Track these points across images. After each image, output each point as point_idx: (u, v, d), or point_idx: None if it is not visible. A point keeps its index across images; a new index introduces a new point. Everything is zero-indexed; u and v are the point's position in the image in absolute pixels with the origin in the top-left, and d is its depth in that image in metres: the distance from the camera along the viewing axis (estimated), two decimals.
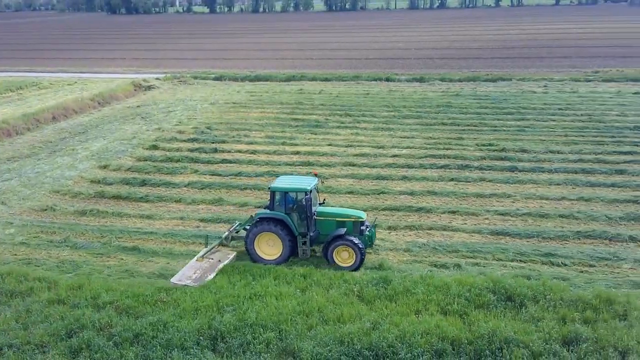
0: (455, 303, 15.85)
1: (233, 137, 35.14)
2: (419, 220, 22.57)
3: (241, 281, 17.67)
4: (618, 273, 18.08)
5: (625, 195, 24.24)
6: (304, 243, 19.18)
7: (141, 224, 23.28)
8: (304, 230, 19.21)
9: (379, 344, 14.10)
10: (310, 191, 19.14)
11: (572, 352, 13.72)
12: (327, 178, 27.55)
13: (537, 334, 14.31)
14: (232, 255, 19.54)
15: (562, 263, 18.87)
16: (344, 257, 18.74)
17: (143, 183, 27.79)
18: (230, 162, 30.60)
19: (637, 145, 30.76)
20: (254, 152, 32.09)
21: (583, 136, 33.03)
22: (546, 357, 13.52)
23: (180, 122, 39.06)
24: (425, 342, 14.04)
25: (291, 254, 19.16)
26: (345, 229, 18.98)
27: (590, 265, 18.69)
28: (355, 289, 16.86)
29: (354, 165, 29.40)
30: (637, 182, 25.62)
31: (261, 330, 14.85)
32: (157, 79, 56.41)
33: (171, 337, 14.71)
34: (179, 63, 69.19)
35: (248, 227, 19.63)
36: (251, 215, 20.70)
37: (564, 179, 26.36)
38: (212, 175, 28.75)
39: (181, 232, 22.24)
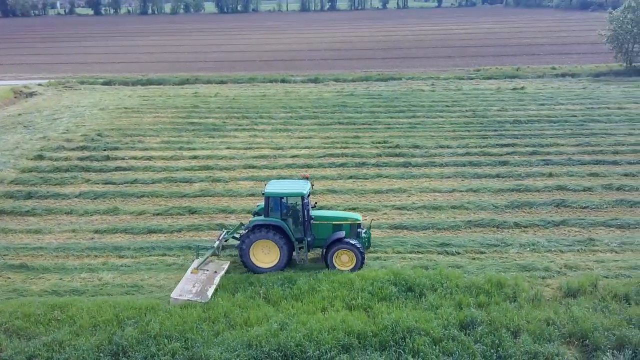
0: (360, 297, 16.24)
1: (126, 143, 33.84)
2: None
3: (144, 294, 17.08)
4: (506, 258, 19.32)
5: (508, 184, 25.96)
6: (301, 249, 18.66)
7: (29, 239, 21.83)
8: (300, 236, 18.66)
9: (287, 344, 14.16)
10: (308, 195, 18.78)
11: (469, 335, 14.50)
12: (227, 181, 27.28)
13: (436, 321, 14.98)
14: (226, 264, 18.74)
15: (455, 252, 19.87)
16: (343, 260, 18.37)
17: (29, 196, 26.07)
18: (124, 169, 29.45)
19: (517, 138, 33.00)
20: (149, 158, 31.08)
21: (469, 131, 34.98)
22: (446, 342, 14.18)
23: (67, 130, 37.02)
24: (332, 338, 14.28)
25: (289, 261, 18.58)
26: (344, 232, 18.66)
27: (481, 252, 19.83)
28: (261, 291, 16.83)
29: (254, 167, 29.29)
30: (519, 172, 27.50)
31: (166, 341, 14.43)
32: (39, 85, 53.09)
33: (68, 356, 13.95)
34: (63, 67, 65.59)
35: (238, 235, 19.15)
36: (241, 223, 20.13)
37: (454, 172, 27.77)
38: (106, 184, 27.52)
39: (74, 246, 21.09)
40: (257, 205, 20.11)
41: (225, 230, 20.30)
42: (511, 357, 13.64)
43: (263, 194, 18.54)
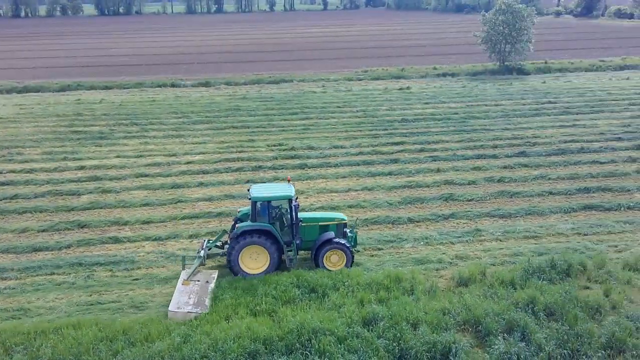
0: (264, 303, 16.18)
1: (3, 156, 31.46)
2: (220, 225, 22.52)
3: (32, 317, 15.97)
4: (402, 253, 20.06)
5: (400, 181, 26.97)
6: (290, 251, 18.38)
7: None
8: (288, 239, 18.38)
9: (192, 356, 13.83)
10: (297, 198, 18.56)
11: (372, 331, 14.89)
12: (118, 192, 26.16)
13: (340, 320, 15.25)
14: (215, 273, 17.99)
15: (355, 250, 20.31)
16: (333, 260, 18.37)
17: None
18: (2, 184, 27.36)
19: (406, 136, 34.38)
20: (30, 171, 29.10)
21: (361, 131, 35.97)
22: (350, 340, 14.47)
23: None
24: (238, 347, 14.11)
25: (278, 265, 18.21)
26: (333, 233, 18.59)
27: (379, 249, 20.44)
28: None
29: (146, 175, 28.29)
30: (409, 169, 28.65)
31: None
32: None
33: None
34: None
35: (220, 243, 18.90)
36: (223, 230, 19.69)
37: (349, 172, 28.43)
38: None
39: None
40: (239, 211, 19.72)
41: (207, 239, 19.76)
42: (412, 349, 14.15)
43: (249, 199, 18.13)
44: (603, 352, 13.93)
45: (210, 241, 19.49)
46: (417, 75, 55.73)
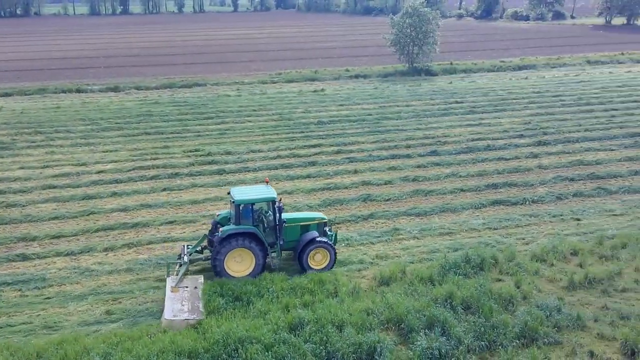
0: None
1: None
2: (137, 237, 21.86)
3: None
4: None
5: (319, 184, 27.25)
6: (274, 253, 18.50)
7: None
8: (272, 240, 18.45)
9: None
10: (280, 199, 18.59)
11: (298, 336, 14.95)
12: (24, 206, 24.74)
13: (266, 327, 15.22)
14: (201, 278, 17.82)
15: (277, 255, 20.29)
16: (317, 259, 18.61)
17: None
18: None
19: (322, 138, 34.77)
20: None
21: (277, 134, 36.00)
22: (277, 347, 14.45)
23: None
24: None
25: (263, 267, 18.18)
26: (316, 232, 18.76)
27: None
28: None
29: (54, 187, 26.93)
30: (327, 171, 29.01)
31: None
32: None
33: None
34: None
35: (200, 248, 19.00)
36: (204, 234, 19.51)
37: (268, 176, 28.32)
38: None
39: None
40: (217, 215, 19.50)
41: (186, 244, 19.55)
42: (338, 351, 14.35)
43: (233, 202, 18.04)
44: (517, 341, 14.74)
45: (190, 247, 19.28)
46: (331, 77, 56.46)
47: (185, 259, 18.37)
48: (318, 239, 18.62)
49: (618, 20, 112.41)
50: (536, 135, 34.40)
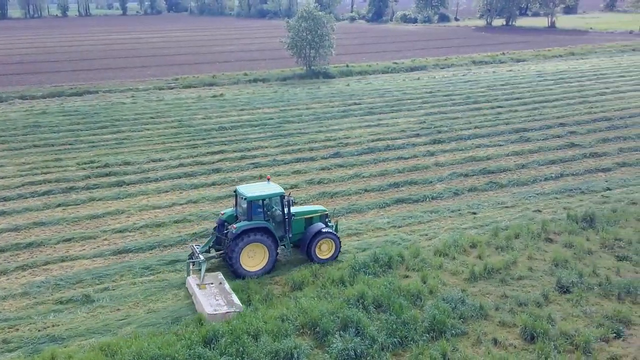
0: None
1: None
2: (31, 257, 20.51)
3: None
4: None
5: (225, 191, 26.86)
6: (285, 246, 19.36)
7: None
8: (281, 234, 19.22)
9: None
10: (290, 194, 19.80)
11: (214, 349, 14.67)
12: None
13: (179, 343, 14.79)
14: (220, 274, 18.36)
15: (185, 268, 19.77)
16: (323, 250, 19.49)
17: None
18: None
19: (225, 144, 34.38)
20: None
21: (178, 142, 35.15)
22: None
23: None
24: None
25: (275, 261, 18.96)
26: (321, 224, 19.60)
27: (211, 263, 20.03)
28: None
29: None
30: (232, 177, 28.69)
31: None
32: None
33: None
34: None
35: (208, 248, 19.34)
36: (212, 233, 19.74)
37: (171, 186, 27.65)
38: None
39: None
40: (223, 214, 19.83)
41: (194, 244, 19.75)
42: None
43: (244, 198, 18.53)
44: (427, 335, 15.32)
45: (199, 246, 19.47)
46: (230, 82, 55.91)
47: (202, 257, 18.54)
48: (324, 230, 19.44)
49: (498, 22, 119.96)
50: (431, 134, 35.95)
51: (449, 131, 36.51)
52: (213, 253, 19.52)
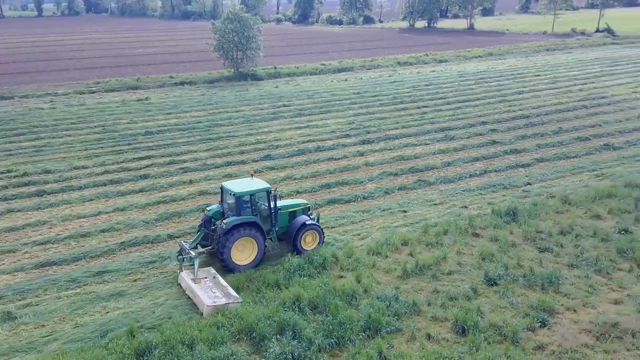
0: None
1: None
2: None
3: None
4: (167, 272, 19.50)
5: (154, 197, 26.19)
6: (271, 239, 19.82)
7: None
8: (268, 228, 19.70)
9: None
10: (276, 188, 20.27)
11: None
12: None
13: (110, 357, 14.31)
14: (212, 269, 18.83)
15: (114, 278, 19.17)
16: (308, 241, 20.19)
17: None
18: None
19: (152, 149, 33.51)
20: None
21: (102, 148, 33.93)
22: None
23: None
24: None
25: (264, 254, 19.44)
26: (305, 217, 20.30)
27: (141, 272, 19.59)
28: None
29: None
30: (161, 183, 27.99)
31: None
32: None
33: None
34: None
35: (196, 245, 19.49)
36: (201, 230, 19.95)
37: (96, 194, 26.64)
38: None
39: None
40: (209, 210, 20.23)
41: (182, 241, 20.00)
42: None
43: (233, 194, 18.98)
44: (363, 334, 15.50)
45: (187, 243, 19.65)
46: (155, 85, 54.53)
47: (193, 253, 18.73)
48: (308, 222, 20.05)
49: (420, 24, 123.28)
50: (360, 135, 36.43)
51: (377, 131, 37.13)
52: (200, 249, 19.62)
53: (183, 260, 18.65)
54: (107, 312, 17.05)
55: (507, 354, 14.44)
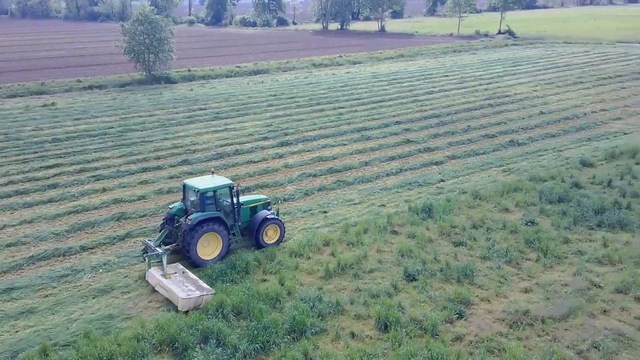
0: None
1: None
2: None
3: None
4: (81, 286, 18.67)
5: (64, 208, 24.98)
6: (234, 234, 20.19)
7: None
8: (231, 223, 20.12)
9: None
10: (238, 184, 20.78)
11: None
12: None
13: None
14: (179, 265, 19.02)
15: (23, 295, 18.12)
16: (269, 235, 20.82)
17: None
18: None
19: (61, 157, 31.98)
20: None
21: (6, 157, 32.06)
22: None
23: None
24: None
25: (229, 248, 19.87)
26: (267, 211, 20.94)
27: (53, 287, 18.64)
28: None
29: None
30: (72, 193, 26.75)
31: None
32: None
33: None
34: None
35: (165, 240, 19.79)
36: (166, 228, 20.12)
37: (0, 206, 25.09)
38: None
39: None
40: (171, 208, 20.41)
41: (146, 239, 20.25)
42: None
43: (197, 191, 19.39)
44: (288, 336, 15.50)
45: (152, 241, 19.83)
46: (61, 90, 52.03)
47: (160, 249, 18.97)
48: (269, 216, 20.69)
49: (333, 26, 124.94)
50: (279, 137, 36.43)
51: (295, 133, 37.27)
52: (165, 247, 19.59)
53: (150, 258, 18.82)
54: (16, 332, 16.11)
55: (428, 347, 14.91)
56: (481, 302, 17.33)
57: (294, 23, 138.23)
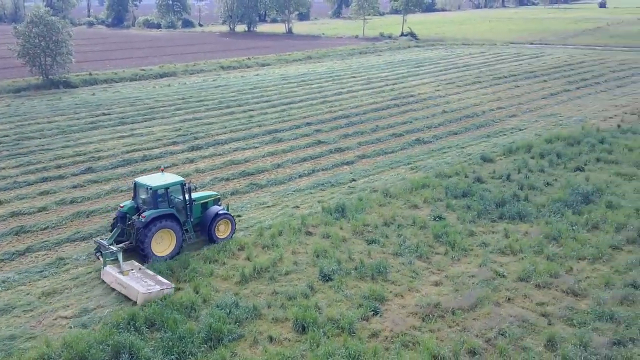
0: None
1: None
2: None
3: None
4: None
5: None
6: (187, 230, 20.60)
7: None
8: (184, 219, 20.47)
9: None
10: (190, 181, 21.74)
11: None
12: None
13: None
14: (135, 262, 19.04)
15: None
16: (221, 230, 21.37)
17: None
18: None
19: None
20: None
21: None
22: None
23: None
24: None
25: (182, 244, 20.22)
26: (218, 207, 21.48)
27: None
28: None
29: None
30: None
31: None
32: None
33: None
34: None
35: (118, 239, 19.88)
36: (118, 226, 20.17)
37: None
38: None
39: None
40: (122, 206, 20.44)
41: (99, 238, 20.33)
42: None
43: (150, 188, 19.61)
44: (205, 345, 15.20)
45: (105, 239, 19.88)
46: None
47: (115, 247, 19.06)
48: (221, 212, 21.18)
49: (240, 28, 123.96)
50: (188, 141, 35.69)
51: (205, 137, 36.64)
52: (118, 245, 19.59)
53: (105, 257, 18.83)
54: None
55: (345, 345, 15.11)
56: (395, 298, 17.80)
57: (200, 25, 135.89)
